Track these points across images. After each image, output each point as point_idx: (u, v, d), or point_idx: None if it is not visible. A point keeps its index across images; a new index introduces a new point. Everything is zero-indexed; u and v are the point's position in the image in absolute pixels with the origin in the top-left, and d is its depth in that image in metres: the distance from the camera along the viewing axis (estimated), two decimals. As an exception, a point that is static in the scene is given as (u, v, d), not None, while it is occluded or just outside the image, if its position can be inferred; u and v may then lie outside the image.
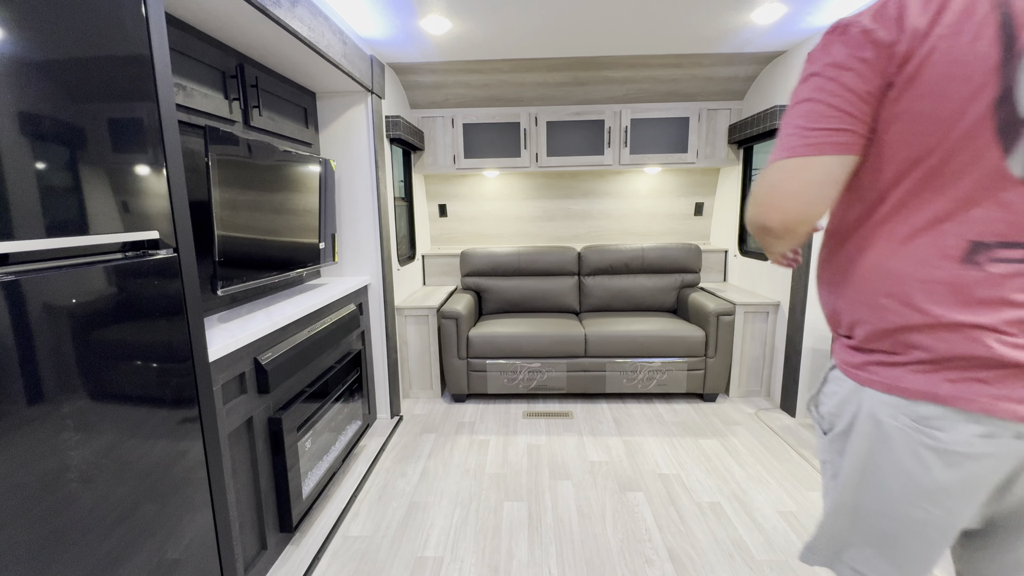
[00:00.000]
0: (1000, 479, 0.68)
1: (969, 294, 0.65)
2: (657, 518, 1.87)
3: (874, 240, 0.73)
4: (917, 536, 0.73)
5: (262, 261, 1.82)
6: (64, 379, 0.86)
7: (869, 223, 0.73)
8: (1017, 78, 0.59)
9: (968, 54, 0.61)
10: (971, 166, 0.64)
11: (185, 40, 1.59)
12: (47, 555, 0.83)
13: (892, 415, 0.71)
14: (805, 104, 0.71)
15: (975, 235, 0.65)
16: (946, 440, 0.67)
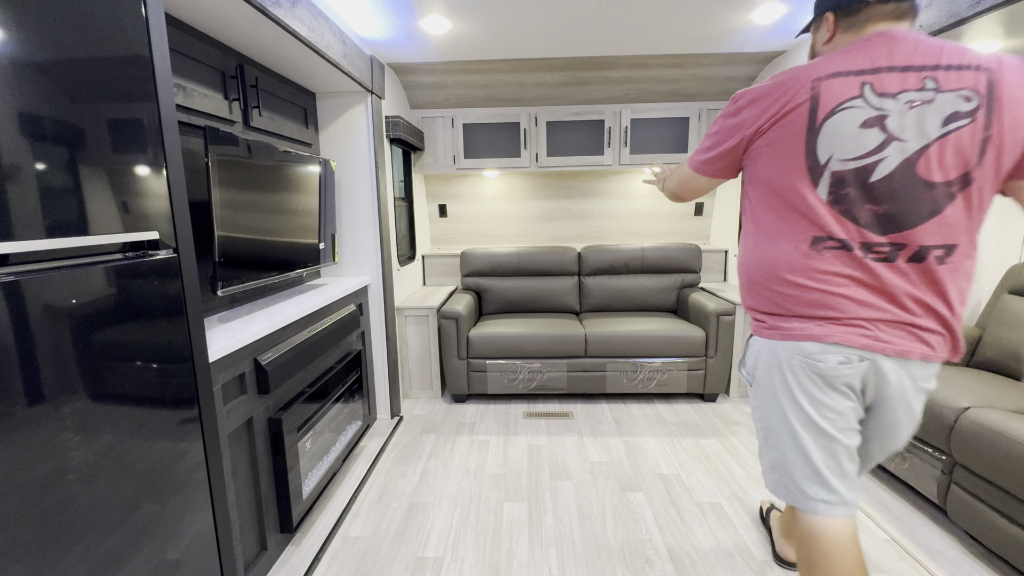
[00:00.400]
0: (859, 386, 1.05)
1: (814, 269, 1.02)
2: (657, 518, 1.87)
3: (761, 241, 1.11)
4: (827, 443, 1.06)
5: (262, 261, 1.82)
6: (64, 380, 0.86)
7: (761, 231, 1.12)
8: (816, 135, 0.97)
9: (794, 119, 1.00)
10: (794, 193, 1.03)
11: (185, 40, 1.59)
12: (47, 555, 0.83)
13: (786, 356, 1.07)
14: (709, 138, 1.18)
15: (813, 232, 1.02)
16: (824, 367, 1.03)
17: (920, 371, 1.04)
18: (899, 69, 0.95)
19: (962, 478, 1.67)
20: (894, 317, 1.00)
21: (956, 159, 0.94)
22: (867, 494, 1.99)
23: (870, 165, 0.96)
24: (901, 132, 0.94)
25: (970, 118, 0.92)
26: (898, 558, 1.64)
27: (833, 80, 0.97)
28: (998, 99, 0.91)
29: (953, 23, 1.70)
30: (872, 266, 0.99)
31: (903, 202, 0.96)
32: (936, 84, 0.93)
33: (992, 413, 1.60)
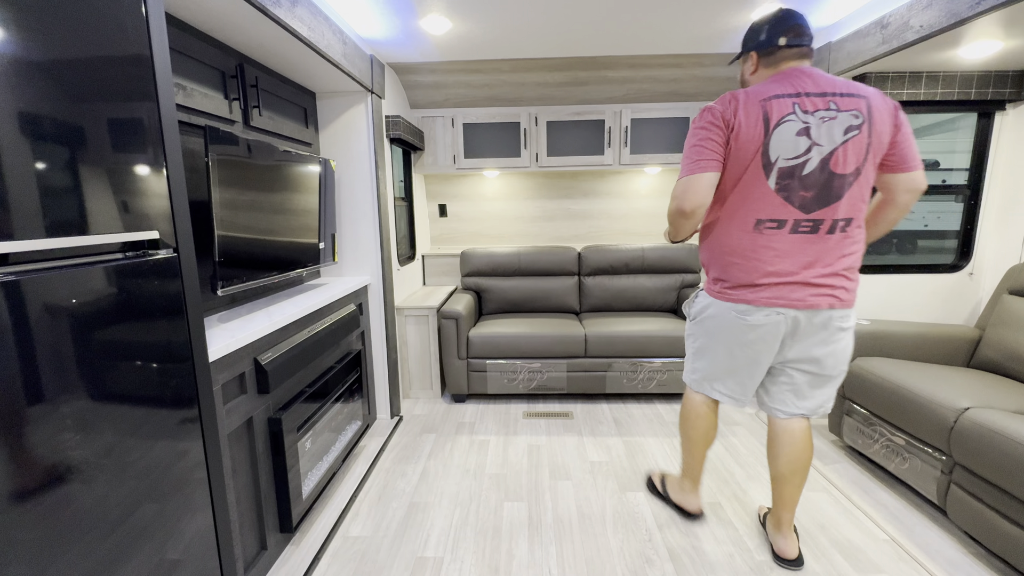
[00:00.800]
0: (778, 340, 1.44)
1: (755, 246, 1.39)
2: (657, 518, 1.87)
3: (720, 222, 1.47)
4: (745, 367, 1.53)
5: (262, 261, 1.82)
6: (64, 379, 0.86)
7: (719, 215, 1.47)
8: (768, 141, 1.31)
9: (751, 129, 1.33)
10: (753, 183, 1.37)
11: (185, 40, 1.59)
12: (47, 555, 0.83)
13: (725, 312, 1.49)
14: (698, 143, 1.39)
15: (757, 215, 1.38)
16: (752, 321, 1.44)
17: (837, 317, 1.42)
18: (814, 95, 1.32)
19: (962, 478, 1.67)
20: (806, 279, 1.38)
21: (853, 158, 1.33)
22: (867, 494, 1.99)
23: (802, 163, 1.33)
24: (819, 139, 1.32)
25: (859, 130, 1.32)
26: (898, 558, 1.64)
27: (775, 100, 1.33)
28: (872, 118, 1.32)
29: (953, 23, 1.70)
30: (801, 240, 1.37)
31: (822, 189, 1.34)
32: (837, 106, 1.32)
33: (992, 413, 1.60)
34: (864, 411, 2.14)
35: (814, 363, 1.47)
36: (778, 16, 1.41)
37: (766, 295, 1.40)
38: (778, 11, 1.42)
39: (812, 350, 1.45)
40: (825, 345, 1.44)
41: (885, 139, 1.34)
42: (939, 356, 2.22)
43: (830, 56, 2.34)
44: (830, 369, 1.48)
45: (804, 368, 1.49)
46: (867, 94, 1.33)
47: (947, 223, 2.60)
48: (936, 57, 2.11)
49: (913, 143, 1.39)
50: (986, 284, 2.54)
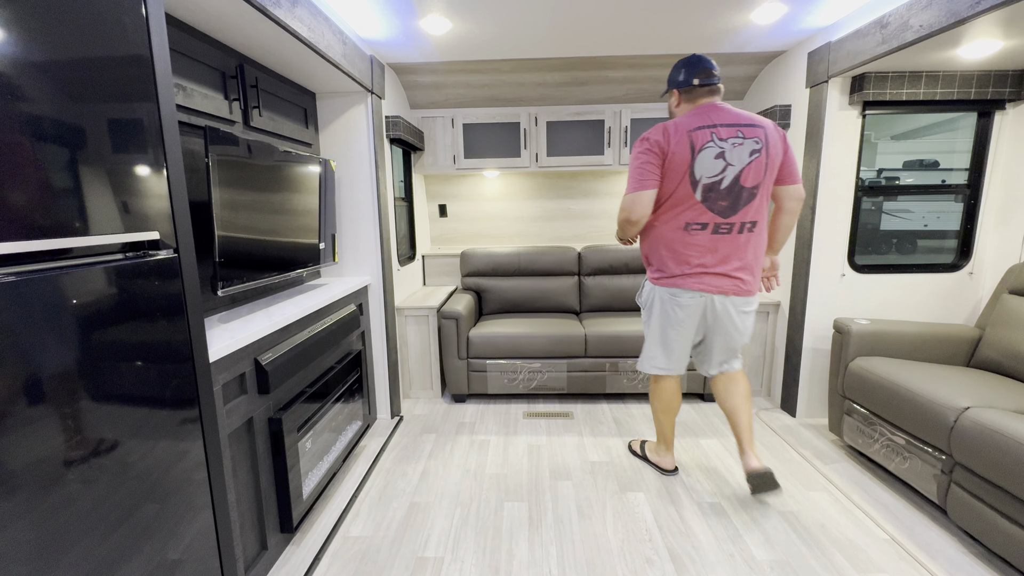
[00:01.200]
0: (700, 315, 1.85)
1: (685, 243, 1.78)
2: (657, 518, 1.87)
3: (658, 225, 1.83)
4: (676, 342, 1.91)
5: (262, 261, 1.82)
6: (65, 380, 0.86)
7: (657, 219, 1.83)
8: (693, 163, 1.68)
9: (681, 155, 1.68)
10: (684, 197, 1.73)
11: (185, 40, 1.59)
12: (48, 556, 0.83)
13: (664, 295, 1.87)
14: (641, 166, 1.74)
15: (686, 220, 1.76)
16: (680, 301, 1.83)
17: (738, 301, 1.86)
18: (726, 125, 1.70)
19: (962, 478, 1.67)
20: (722, 271, 1.79)
21: (755, 175, 1.73)
22: (867, 493, 1.99)
23: (720, 179, 1.72)
24: (732, 160, 1.70)
25: (759, 153, 1.71)
26: (898, 558, 1.64)
27: (698, 131, 1.71)
28: (768, 143, 1.73)
29: (953, 23, 1.70)
30: (720, 238, 1.78)
31: (735, 199, 1.74)
32: (743, 135, 1.71)
33: (992, 413, 1.60)
34: (864, 411, 2.14)
35: (725, 336, 1.91)
36: (691, 60, 1.79)
37: (692, 281, 1.82)
38: (691, 56, 1.81)
39: (723, 327, 1.89)
40: (732, 324, 1.89)
41: (777, 160, 1.75)
42: (939, 356, 2.22)
43: (830, 56, 2.34)
44: (736, 342, 1.94)
45: (719, 341, 1.94)
46: (764, 124, 1.74)
47: (947, 223, 2.60)
48: (936, 57, 2.11)
49: (796, 163, 1.83)
50: (986, 284, 2.54)
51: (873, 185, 2.59)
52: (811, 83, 2.51)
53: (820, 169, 2.45)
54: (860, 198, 2.52)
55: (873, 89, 2.30)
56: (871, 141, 2.59)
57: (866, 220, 2.62)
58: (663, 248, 1.84)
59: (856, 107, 2.40)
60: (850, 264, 2.56)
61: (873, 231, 2.67)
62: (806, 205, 2.54)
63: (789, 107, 2.70)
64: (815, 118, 2.47)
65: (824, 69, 2.39)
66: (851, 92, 2.37)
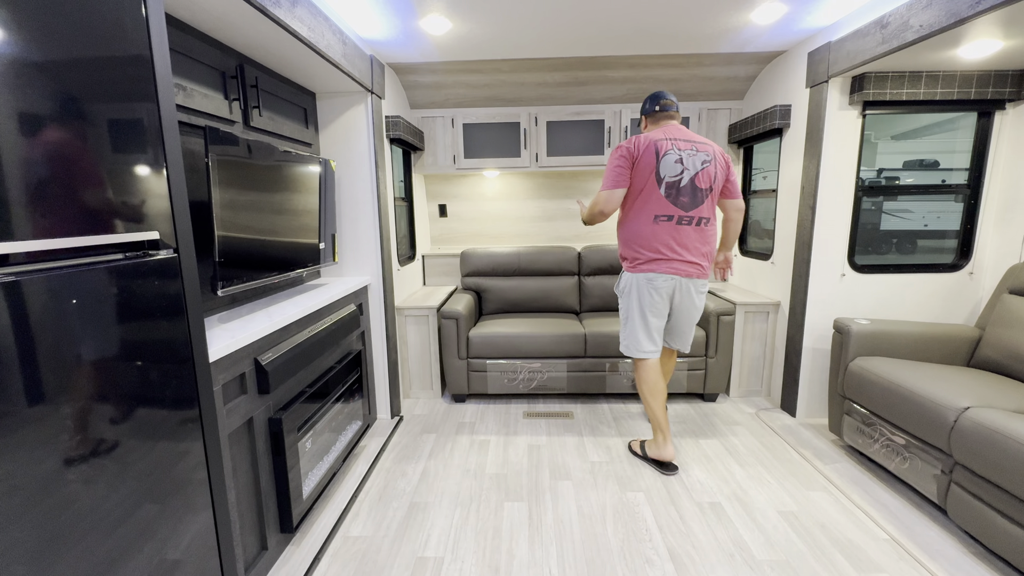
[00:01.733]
0: (669, 298, 2.16)
1: (654, 233, 2.10)
2: (658, 518, 1.87)
3: (631, 219, 2.15)
4: (655, 324, 2.19)
5: (262, 261, 1.82)
6: (64, 380, 0.86)
7: (630, 213, 2.15)
8: (658, 165, 2.04)
9: (648, 159, 2.05)
10: (651, 192, 2.07)
11: (185, 40, 1.59)
12: (48, 556, 0.83)
13: (639, 281, 2.15)
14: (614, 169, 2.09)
15: (654, 212, 2.09)
16: (656, 285, 2.12)
17: (698, 284, 2.18)
18: (682, 140, 2.09)
19: (962, 478, 1.67)
20: (684, 258, 2.11)
21: (707, 179, 2.09)
22: (867, 493, 1.99)
23: (680, 179, 2.07)
24: (688, 165, 2.06)
25: (709, 163, 2.09)
26: (898, 558, 1.64)
27: (661, 141, 2.06)
28: (715, 159, 2.11)
29: (953, 23, 1.70)
30: (682, 228, 2.11)
31: (693, 196, 2.09)
32: (695, 148, 2.09)
33: (992, 413, 1.60)
34: (864, 410, 2.14)
35: (689, 313, 2.24)
36: (654, 94, 2.21)
37: (665, 266, 2.12)
38: (654, 92, 2.25)
39: (687, 306, 2.22)
40: (692, 303, 2.21)
41: (722, 175, 2.15)
42: (939, 355, 2.22)
43: (830, 56, 2.34)
44: (694, 319, 2.28)
45: (684, 318, 2.26)
46: (712, 144, 2.14)
47: (947, 223, 2.60)
48: (936, 57, 2.11)
49: (738, 182, 2.37)
50: (986, 283, 2.54)
51: (873, 185, 2.58)
52: (811, 83, 2.51)
53: (820, 169, 2.45)
54: (860, 198, 2.52)
55: (873, 89, 2.30)
56: (871, 141, 2.59)
57: (866, 220, 2.62)
58: (636, 238, 2.16)
59: (856, 107, 2.40)
60: (850, 264, 2.56)
61: (873, 231, 2.67)
62: (806, 205, 2.54)
63: (789, 107, 2.70)
64: (815, 118, 2.47)
65: (824, 69, 2.39)
66: (851, 92, 2.37)
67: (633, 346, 2.23)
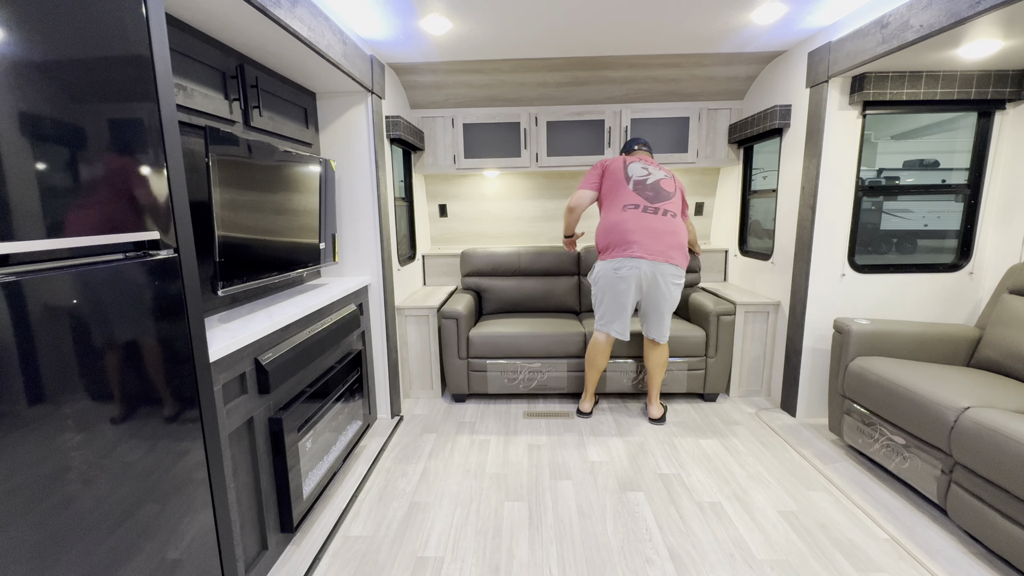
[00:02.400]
0: (636, 283, 2.45)
1: (623, 220, 2.45)
2: (658, 518, 1.87)
3: (605, 215, 2.56)
4: (619, 307, 2.51)
5: (263, 261, 1.82)
6: (65, 380, 0.86)
7: (604, 210, 2.58)
8: (626, 170, 2.54)
9: (616, 165, 2.57)
10: (621, 188, 2.52)
11: (185, 40, 1.59)
12: (48, 556, 0.83)
13: (606, 269, 2.50)
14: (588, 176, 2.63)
15: (623, 203, 2.48)
16: (621, 274, 2.45)
17: (667, 271, 2.42)
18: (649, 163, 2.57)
19: (962, 478, 1.67)
20: (648, 243, 2.38)
21: (669, 185, 2.53)
22: (867, 493, 1.99)
23: (646, 179, 2.51)
24: (651, 172, 2.53)
25: (669, 177, 2.57)
26: (898, 557, 1.64)
27: (628, 157, 2.59)
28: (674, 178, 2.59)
29: (953, 23, 1.70)
30: (647, 216, 2.42)
31: (657, 193, 2.48)
32: (658, 168, 2.57)
33: (992, 413, 1.60)
34: (864, 410, 2.14)
35: (658, 299, 2.47)
36: (629, 140, 2.79)
37: (628, 251, 2.39)
38: (630, 138, 2.98)
39: (655, 292, 2.46)
40: (658, 291, 2.45)
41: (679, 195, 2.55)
42: (939, 355, 2.22)
43: (830, 56, 2.34)
44: (668, 308, 2.50)
45: (652, 304, 2.50)
46: (670, 172, 2.60)
47: (947, 223, 2.60)
48: (936, 56, 2.11)
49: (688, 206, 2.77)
50: (986, 283, 2.54)
51: (873, 185, 2.58)
52: (811, 83, 2.51)
53: (820, 169, 2.45)
54: (860, 198, 2.52)
55: (873, 89, 2.30)
56: (871, 141, 2.59)
57: (866, 220, 2.62)
58: (607, 230, 2.47)
59: (856, 107, 2.40)
60: (850, 264, 2.56)
61: (873, 231, 2.67)
62: (806, 205, 2.54)
63: (789, 107, 2.70)
64: (815, 118, 2.47)
65: (824, 69, 2.39)
66: (851, 92, 2.37)
67: (602, 324, 2.59)
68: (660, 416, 2.70)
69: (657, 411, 2.71)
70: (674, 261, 2.41)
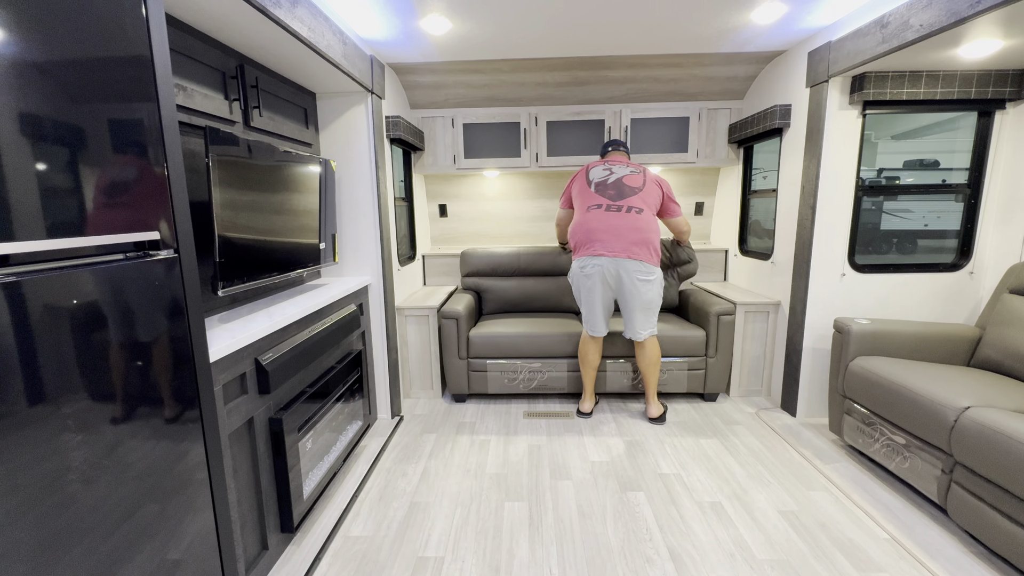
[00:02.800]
0: (602, 281, 2.51)
1: (587, 220, 2.54)
2: (658, 518, 1.87)
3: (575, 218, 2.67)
4: (588, 304, 2.59)
5: (263, 261, 1.82)
6: (65, 380, 0.86)
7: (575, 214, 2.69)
8: (588, 175, 2.65)
9: (580, 175, 2.69)
10: (585, 192, 2.63)
11: (185, 41, 1.59)
12: (49, 556, 0.83)
13: (575, 268, 2.61)
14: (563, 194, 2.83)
15: (587, 204, 2.58)
16: (586, 271, 2.53)
17: (630, 267, 2.44)
18: (616, 163, 2.63)
19: (963, 477, 1.67)
20: (616, 240, 2.44)
21: (635, 181, 2.56)
22: (867, 493, 1.99)
23: (607, 179, 2.58)
24: (614, 171, 2.60)
25: (638, 172, 2.59)
26: (898, 557, 1.64)
27: (593, 164, 2.68)
28: (645, 173, 2.60)
29: (953, 22, 1.70)
30: (610, 214, 2.47)
31: (619, 191, 2.53)
32: (626, 166, 2.61)
33: (993, 412, 1.60)
34: (864, 410, 2.14)
35: (630, 299, 2.50)
36: (606, 142, 2.83)
37: (592, 250, 2.47)
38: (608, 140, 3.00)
39: (625, 290, 2.48)
40: (626, 289, 2.48)
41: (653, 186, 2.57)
42: (939, 355, 2.22)
43: (830, 56, 2.34)
44: (639, 305, 2.50)
45: (625, 304, 2.53)
46: (644, 167, 2.62)
47: (947, 222, 2.60)
48: (936, 56, 2.11)
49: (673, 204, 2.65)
50: (986, 283, 2.54)
51: (873, 185, 2.58)
52: (811, 83, 2.51)
53: (820, 169, 2.45)
54: (860, 198, 2.52)
55: (873, 89, 2.30)
56: (871, 141, 2.59)
57: (866, 220, 2.62)
58: (575, 235, 2.58)
59: (856, 107, 2.40)
60: (850, 264, 2.56)
61: (873, 231, 2.67)
62: (807, 205, 2.54)
63: (789, 107, 2.70)
64: (815, 118, 2.47)
65: (824, 69, 2.39)
66: (851, 92, 2.37)
67: (586, 323, 2.67)
68: (659, 415, 2.68)
69: (655, 410, 2.70)
70: (637, 256, 2.42)
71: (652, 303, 2.52)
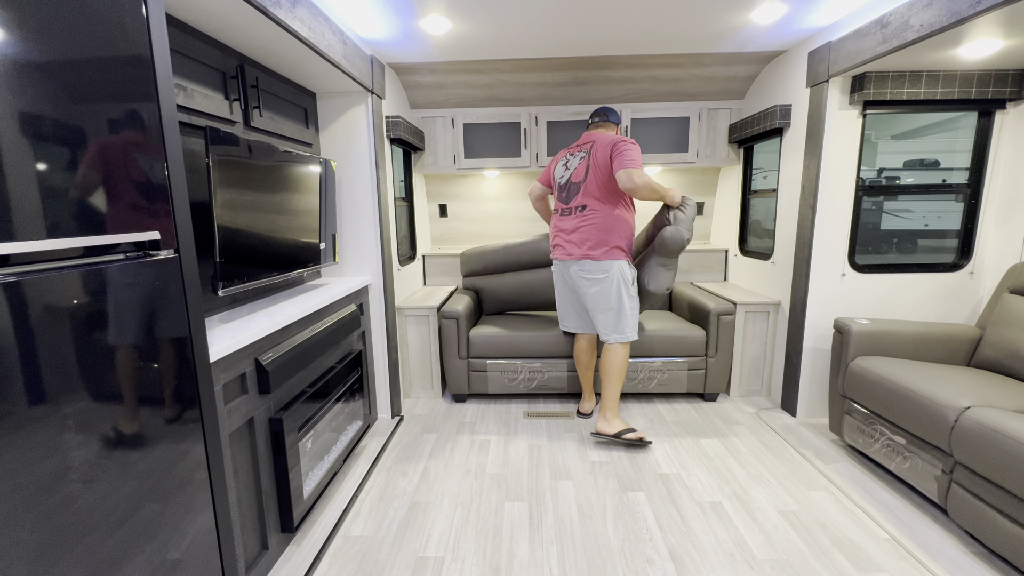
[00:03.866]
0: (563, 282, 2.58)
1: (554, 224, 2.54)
2: (658, 518, 1.87)
3: None
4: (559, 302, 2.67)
5: (263, 261, 1.82)
6: (65, 380, 0.86)
7: None
8: (553, 173, 2.58)
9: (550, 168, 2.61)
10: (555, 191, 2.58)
11: (186, 41, 1.59)
12: (49, 556, 0.83)
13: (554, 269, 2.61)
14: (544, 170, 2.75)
15: (555, 208, 2.55)
16: (554, 275, 2.63)
17: (578, 267, 2.41)
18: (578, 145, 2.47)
19: (963, 477, 1.67)
20: (567, 241, 2.43)
21: (578, 174, 2.40)
22: (867, 493, 1.99)
23: (563, 179, 2.48)
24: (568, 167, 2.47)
25: (583, 159, 2.39)
26: (898, 557, 1.64)
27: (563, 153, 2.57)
28: (592, 153, 2.35)
29: (953, 22, 1.70)
30: (564, 218, 2.45)
31: (569, 192, 2.44)
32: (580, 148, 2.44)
33: (993, 412, 1.60)
34: (864, 410, 2.14)
35: (581, 298, 2.48)
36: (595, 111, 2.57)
37: (554, 254, 2.53)
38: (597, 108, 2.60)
39: (577, 290, 2.48)
40: (574, 287, 2.49)
41: (602, 161, 2.31)
42: (939, 355, 2.22)
43: (830, 56, 2.34)
44: (593, 306, 2.43)
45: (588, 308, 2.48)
46: (596, 140, 2.36)
47: (947, 222, 2.60)
48: (936, 56, 2.11)
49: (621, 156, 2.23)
50: (987, 283, 2.54)
51: (873, 185, 2.58)
52: (811, 83, 2.51)
53: (820, 169, 2.45)
54: (860, 198, 2.52)
55: (873, 89, 2.30)
56: (871, 141, 2.59)
57: (866, 220, 2.62)
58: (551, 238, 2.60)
59: (856, 107, 2.40)
60: (850, 264, 2.56)
61: (873, 231, 2.67)
62: (807, 205, 2.54)
63: (789, 107, 2.70)
64: (815, 118, 2.47)
65: (824, 69, 2.39)
66: (851, 92, 2.37)
67: (563, 323, 2.72)
68: (615, 433, 2.34)
69: (607, 425, 2.39)
70: (586, 256, 2.35)
71: (610, 304, 2.35)
